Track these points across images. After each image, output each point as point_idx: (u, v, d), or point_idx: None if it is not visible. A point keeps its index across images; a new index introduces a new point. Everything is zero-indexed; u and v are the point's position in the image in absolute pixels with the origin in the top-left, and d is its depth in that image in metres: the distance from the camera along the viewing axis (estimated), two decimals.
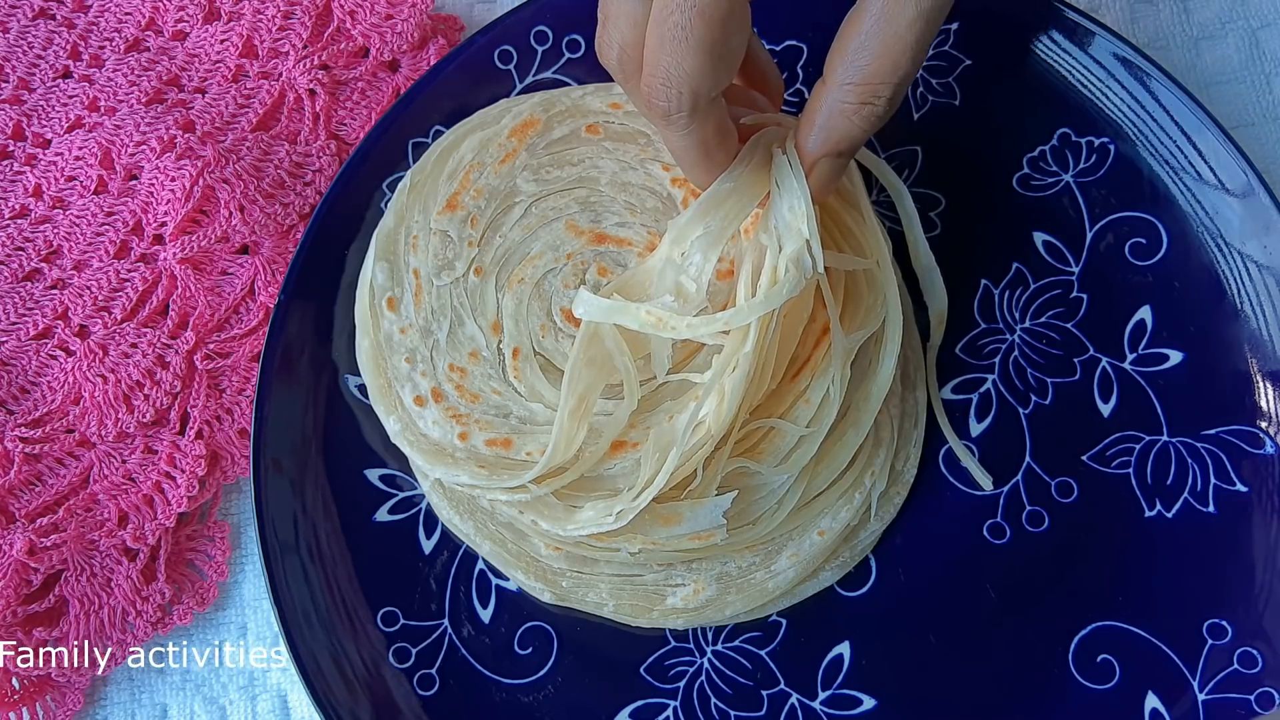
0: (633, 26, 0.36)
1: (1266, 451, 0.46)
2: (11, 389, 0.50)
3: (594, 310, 0.40)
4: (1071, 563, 0.46)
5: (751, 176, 0.40)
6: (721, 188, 0.40)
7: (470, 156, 0.48)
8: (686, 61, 0.35)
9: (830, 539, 0.44)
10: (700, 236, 0.41)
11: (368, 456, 0.48)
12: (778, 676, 0.45)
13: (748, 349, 0.40)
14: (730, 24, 0.35)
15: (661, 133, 0.39)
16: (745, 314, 0.39)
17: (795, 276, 0.39)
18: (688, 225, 0.41)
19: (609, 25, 0.37)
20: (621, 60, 0.38)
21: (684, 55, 0.35)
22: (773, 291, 0.39)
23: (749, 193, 0.40)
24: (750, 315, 0.39)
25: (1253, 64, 0.53)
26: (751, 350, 0.40)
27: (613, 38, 0.37)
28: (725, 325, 0.39)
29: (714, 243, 0.41)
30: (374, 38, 0.53)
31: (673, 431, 0.41)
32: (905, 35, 0.36)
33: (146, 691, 0.48)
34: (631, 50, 0.37)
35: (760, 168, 0.40)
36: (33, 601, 0.47)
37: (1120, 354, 0.47)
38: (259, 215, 0.51)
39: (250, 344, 0.51)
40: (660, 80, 0.36)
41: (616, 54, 0.38)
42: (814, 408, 0.43)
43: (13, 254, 0.52)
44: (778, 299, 0.39)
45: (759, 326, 0.40)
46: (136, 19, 0.55)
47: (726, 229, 0.41)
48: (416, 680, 0.46)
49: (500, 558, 0.45)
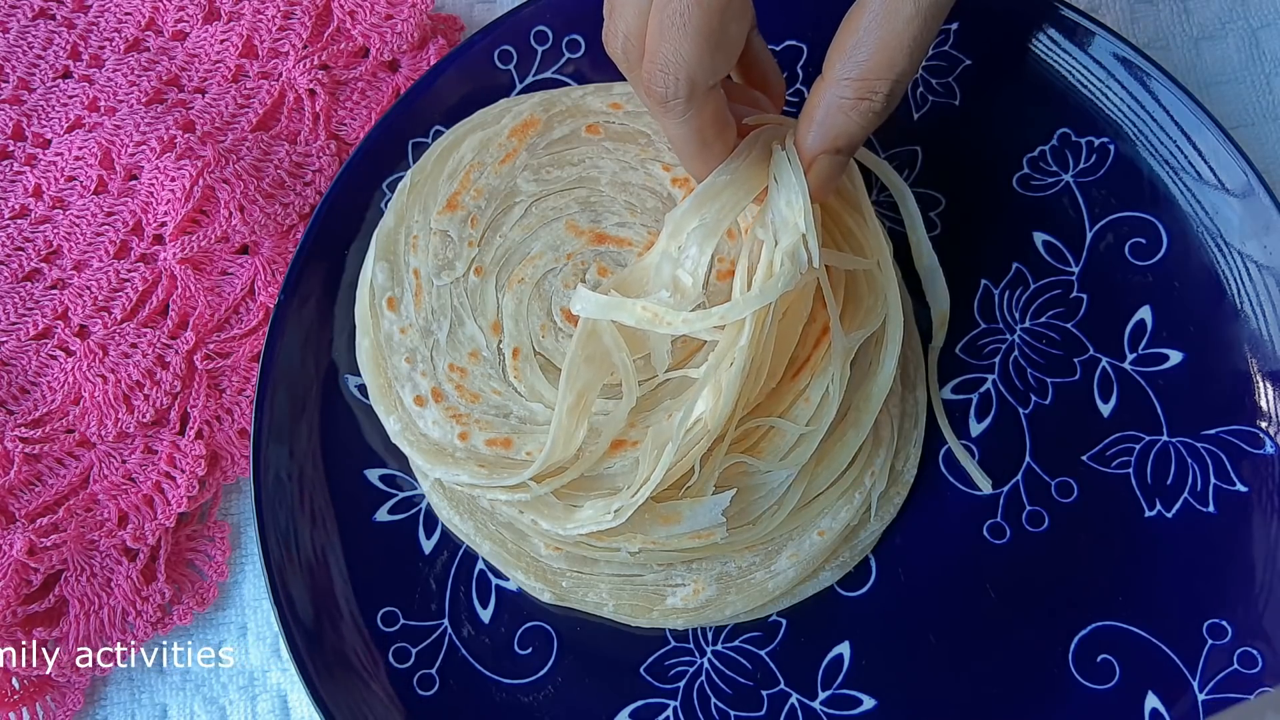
0: (638, 16, 0.37)
1: (1266, 451, 0.45)
2: (11, 389, 0.50)
3: (591, 306, 0.41)
4: (1072, 563, 0.46)
5: (749, 170, 0.40)
6: (718, 180, 0.40)
7: (470, 156, 0.48)
8: (684, 48, 0.36)
9: (830, 539, 0.44)
10: (696, 229, 0.41)
11: (368, 456, 0.48)
12: (778, 676, 0.45)
13: (743, 343, 0.40)
14: (728, 12, 0.36)
15: (660, 121, 0.39)
16: (740, 308, 0.39)
17: (791, 270, 0.39)
18: (684, 217, 0.41)
19: (615, 15, 0.38)
20: (626, 49, 0.38)
21: (682, 42, 0.36)
22: (768, 285, 0.39)
23: (746, 186, 0.40)
24: (746, 309, 0.39)
25: (1253, 64, 0.53)
26: (747, 345, 0.40)
27: (618, 27, 0.38)
28: (721, 320, 0.39)
29: (710, 235, 0.41)
30: (374, 38, 0.53)
31: (671, 429, 0.41)
32: (903, 32, 0.36)
33: (146, 691, 0.48)
34: (636, 40, 0.37)
35: (758, 162, 0.40)
36: (33, 601, 0.47)
37: (1120, 354, 0.47)
38: (259, 215, 0.51)
39: (250, 344, 0.51)
40: (659, 66, 0.36)
41: (621, 43, 0.38)
42: (813, 406, 0.43)
43: (13, 254, 0.52)
44: (773, 293, 0.39)
45: (755, 321, 0.40)
46: (136, 19, 0.55)
47: (723, 221, 0.41)
48: (416, 680, 0.46)
49: (500, 558, 0.45)
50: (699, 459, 0.41)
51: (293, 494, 0.47)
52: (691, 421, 0.40)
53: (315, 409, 0.48)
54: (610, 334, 0.41)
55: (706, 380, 0.40)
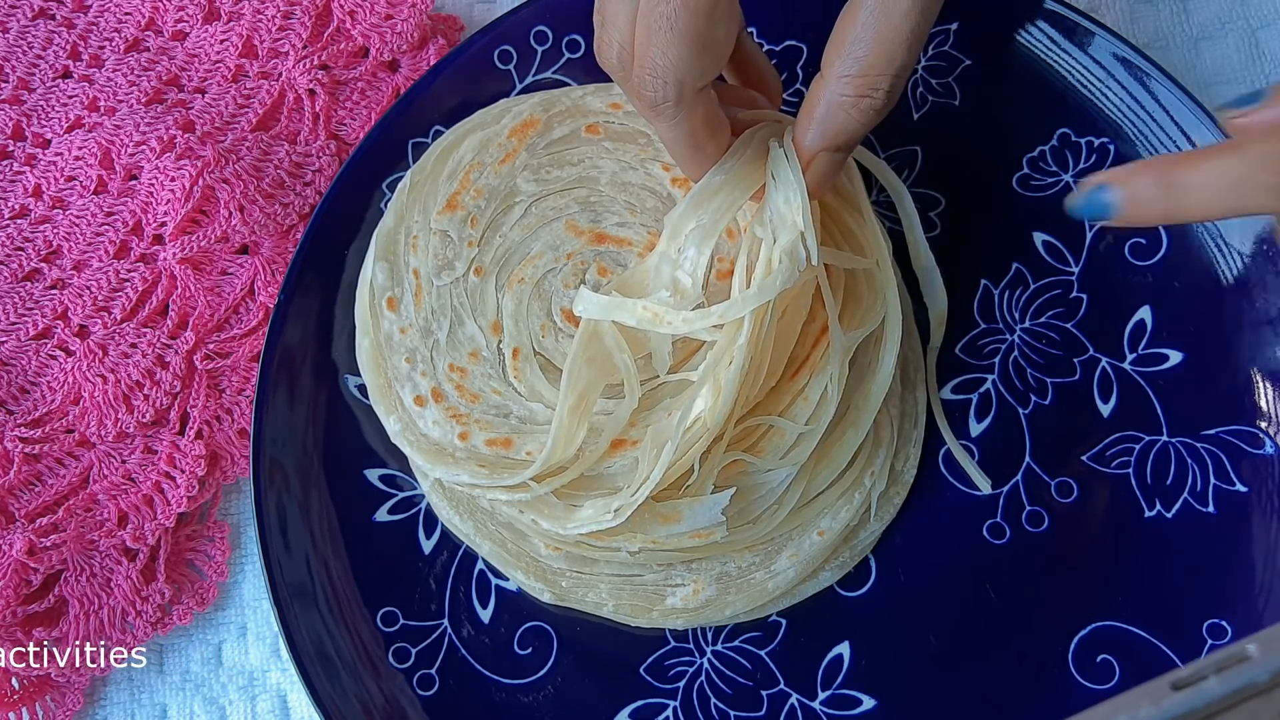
0: (629, 23, 0.37)
1: (1266, 451, 0.46)
2: (11, 389, 0.50)
3: (592, 307, 0.41)
4: (1072, 563, 0.45)
5: (744, 169, 0.40)
6: (713, 180, 0.40)
7: (470, 156, 0.48)
8: (672, 51, 0.36)
9: (830, 539, 0.44)
10: (693, 230, 0.41)
11: (368, 456, 0.48)
12: (777, 676, 0.45)
13: (742, 342, 0.40)
14: (716, 14, 0.36)
15: (652, 124, 0.39)
16: (739, 306, 0.39)
17: (789, 268, 0.39)
18: (680, 219, 0.41)
19: (607, 26, 0.38)
20: (622, 59, 0.38)
21: (669, 45, 0.36)
22: (766, 283, 0.39)
23: (741, 185, 0.40)
24: (744, 308, 0.39)
25: (1253, 64, 0.53)
26: (746, 343, 0.40)
27: (612, 37, 0.38)
28: (720, 318, 0.40)
29: (707, 236, 0.41)
30: (374, 38, 0.53)
31: (670, 427, 0.41)
32: (901, 26, 0.36)
33: (146, 691, 0.48)
34: (630, 48, 0.37)
35: (753, 160, 0.40)
36: (33, 601, 0.47)
37: (1120, 354, 0.47)
38: (259, 215, 0.51)
39: (250, 344, 0.51)
40: (648, 70, 0.37)
41: (616, 53, 0.38)
42: (812, 405, 0.43)
43: (13, 254, 0.52)
44: (771, 290, 0.39)
45: (753, 319, 0.40)
46: (136, 19, 0.55)
47: (719, 221, 0.41)
48: (416, 680, 0.46)
49: (500, 558, 0.45)
50: (698, 458, 0.41)
51: (293, 494, 0.47)
52: (690, 420, 0.40)
53: (315, 409, 0.48)
54: (612, 335, 0.41)
55: (705, 379, 0.40)
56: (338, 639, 0.45)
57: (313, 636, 0.45)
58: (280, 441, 0.47)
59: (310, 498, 0.47)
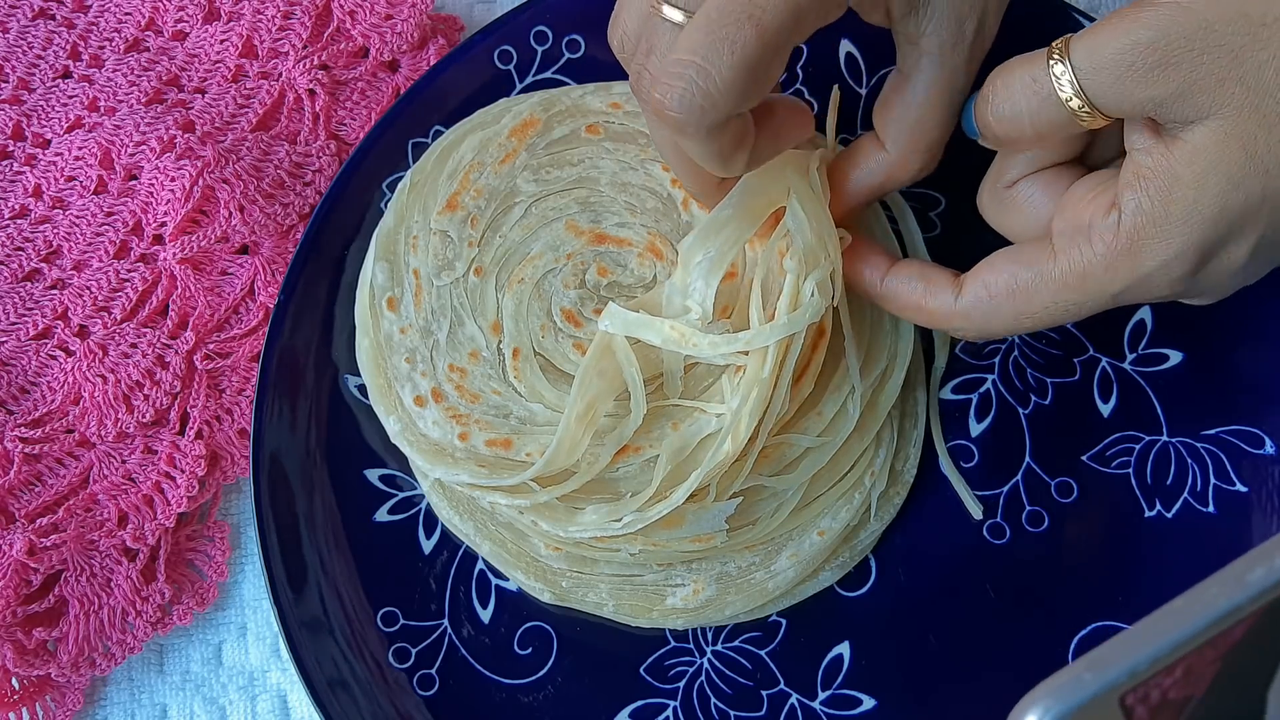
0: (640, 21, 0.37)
1: (1266, 451, 0.46)
2: (11, 389, 0.50)
3: (619, 323, 0.41)
4: (1071, 563, 0.46)
5: (751, 202, 0.41)
6: (721, 215, 0.41)
7: (470, 156, 0.48)
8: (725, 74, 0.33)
9: (830, 539, 0.44)
10: (700, 263, 0.42)
11: (368, 456, 0.48)
12: (778, 676, 0.45)
13: (764, 375, 0.40)
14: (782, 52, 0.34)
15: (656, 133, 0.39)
16: (766, 335, 0.40)
17: (819, 303, 0.40)
18: (689, 250, 0.42)
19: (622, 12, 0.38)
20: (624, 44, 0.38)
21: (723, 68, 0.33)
22: (795, 316, 0.40)
23: (748, 219, 0.42)
24: (771, 338, 0.40)
25: None
26: (768, 377, 0.40)
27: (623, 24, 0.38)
28: (746, 345, 0.40)
29: (715, 269, 0.42)
30: (374, 38, 0.53)
31: (683, 439, 0.41)
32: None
33: (146, 691, 0.48)
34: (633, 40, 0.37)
35: (760, 194, 0.41)
36: (33, 601, 0.47)
37: (1120, 354, 0.47)
38: (259, 215, 0.51)
39: (250, 344, 0.51)
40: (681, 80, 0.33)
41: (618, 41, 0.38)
42: (825, 420, 0.44)
43: (13, 254, 0.52)
44: (800, 323, 0.40)
45: (777, 349, 0.40)
46: (136, 19, 0.55)
47: (726, 255, 0.42)
48: (416, 680, 0.46)
49: (500, 558, 0.45)
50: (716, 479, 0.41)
51: (293, 494, 0.47)
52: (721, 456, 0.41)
53: (315, 409, 0.48)
54: (623, 349, 0.41)
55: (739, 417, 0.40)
56: (337, 639, 0.45)
57: (312, 637, 0.45)
58: (280, 442, 0.47)
59: (310, 498, 0.47)
